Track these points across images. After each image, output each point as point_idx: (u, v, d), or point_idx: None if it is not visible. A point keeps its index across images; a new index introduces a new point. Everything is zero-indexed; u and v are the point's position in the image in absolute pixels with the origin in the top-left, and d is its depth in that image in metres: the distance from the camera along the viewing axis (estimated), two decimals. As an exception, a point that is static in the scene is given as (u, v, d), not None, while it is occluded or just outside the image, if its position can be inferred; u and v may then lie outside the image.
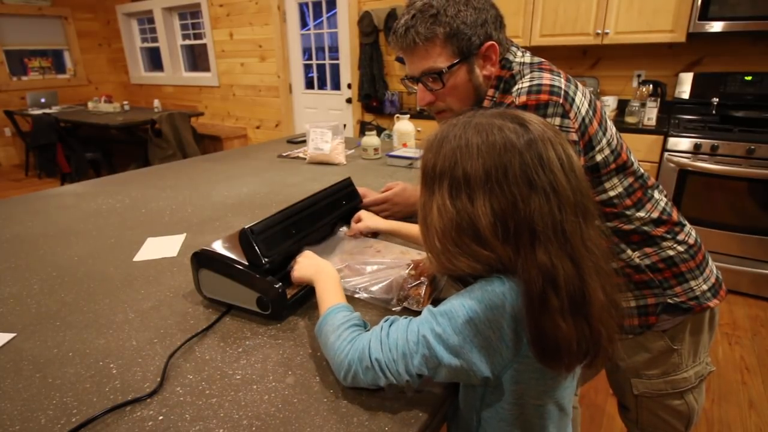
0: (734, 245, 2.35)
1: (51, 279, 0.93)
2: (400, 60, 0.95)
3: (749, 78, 2.56)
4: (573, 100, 0.79)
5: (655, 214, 0.87)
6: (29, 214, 1.31)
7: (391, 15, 3.59)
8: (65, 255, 1.04)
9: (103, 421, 0.57)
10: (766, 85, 2.52)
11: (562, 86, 0.79)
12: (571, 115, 0.78)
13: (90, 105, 5.25)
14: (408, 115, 2.10)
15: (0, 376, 0.65)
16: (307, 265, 0.78)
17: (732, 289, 2.43)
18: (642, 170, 0.89)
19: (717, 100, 2.63)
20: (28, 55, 5.86)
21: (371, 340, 0.58)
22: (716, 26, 2.35)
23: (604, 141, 0.82)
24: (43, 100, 5.51)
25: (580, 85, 0.84)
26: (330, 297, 0.69)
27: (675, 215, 0.89)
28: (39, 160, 5.10)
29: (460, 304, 0.54)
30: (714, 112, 2.63)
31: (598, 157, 0.82)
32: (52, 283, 0.91)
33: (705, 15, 2.35)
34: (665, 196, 0.91)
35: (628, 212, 0.86)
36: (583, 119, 0.80)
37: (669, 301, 0.87)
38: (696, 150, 2.32)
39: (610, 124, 0.86)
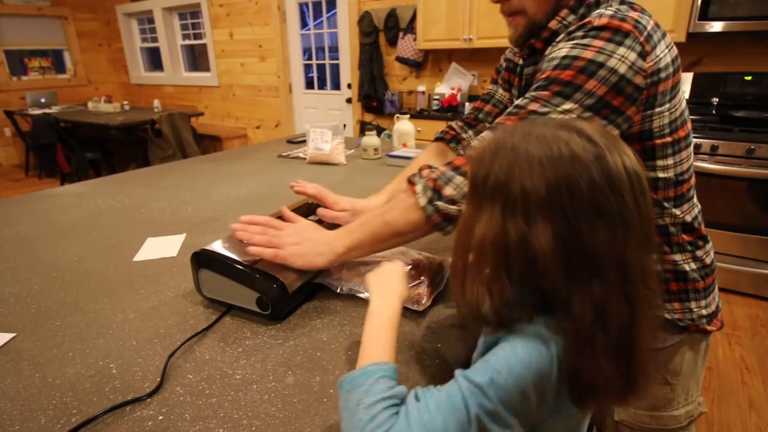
0: (734, 245, 2.35)
1: (51, 279, 0.93)
2: (400, 60, 0.94)
3: (749, 78, 2.56)
4: (655, 45, 0.69)
5: (688, 218, 0.80)
6: (29, 214, 1.31)
7: (391, 15, 3.59)
8: (65, 255, 1.04)
9: (103, 421, 0.57)
10: (766, 85, 2.52)
11: (649, 27, 0.70)
12: (648, 59, 0.68)
13: (90, 105, 5.25)
14: (408, 115, 2.10)
15: (0, 376, 0.65)
16: (377, 273, 0.66)
17: (732, 289, 2.43)
18: (692, 163, 0.80)
19: (717, 100, 2.63)
20: (28, 55, 5.86)
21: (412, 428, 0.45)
22: (716, 26, 2.35)
23: (667, 106, 0.73)
24: (43, 100, 5.52)
25: (668, 37, 0.74)
26: (380, 340, 0.56)
27: (703, 226, 0.83)
28: (39, 160, 5.10)
29: (508, 372, 0.45)
30: (714, 112, 2.63)
31: (655, 122, 0.73)
32: (52, 283, 0.92)
33: (705, 15, 2.35)
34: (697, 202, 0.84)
35: (666, 204, 0.78)
36: (659, 70, 0.70)
37: (666, 316, 0.82)
38: (696, 150, 2.32)
39: (682, 96, 0.77)
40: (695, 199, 0.82)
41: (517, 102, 0.74)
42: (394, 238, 0.80)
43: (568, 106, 0.69)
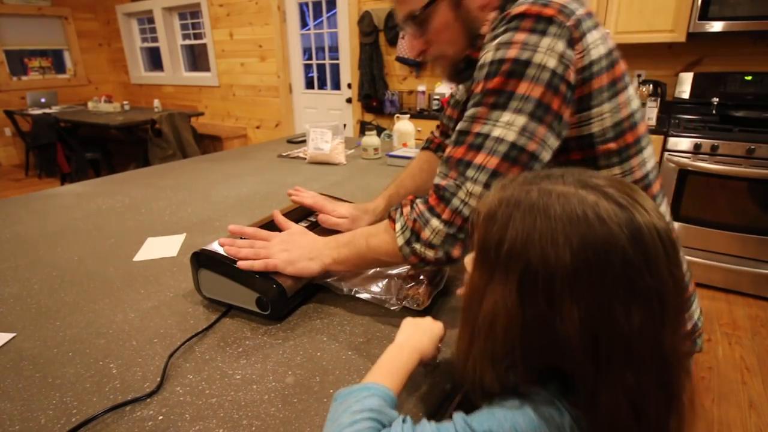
0: (734, 245, 2.35)
1: (51, 279, 0.93)
2: (400, 60, 0.93)
3: (749, 78, 2.56)
4: (584, 33, 0.63)
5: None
6: (29, 214, 1.31)
7: (391, 15, 3.59)
8: (65, 255, 1.04)
9: (102, 421, 0.57)
10: (766, 85, 2.52)
11: (578, 13, 0.63)
12: (578, 47, 0.62)
13: (90, 105, 5.25)
14: (408, 115, 2.10)
15: (0, 376, 0.65)
16: (414, 328, 0.62)
17: (732, 289, 2.43)
18: (650, 169, 0.74)
19: (717, 100, 2.63)
20: (28, 55, 5.86)
21: None
22: (716, 26, 2.35)
23: (607, 106, 0.66)
24: (43, 100, 5.52)
25: (602, 28, 0.67)
26: (389, 369, 0.54)
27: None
28: (39, 160, 5.10)
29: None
30: (714, 112, 2.63)
31: (595, 127, 0.67)
32: (52, 283, 0.91)
33: (705, 15, 2.35)
34: (668, 207, 0.79)
35: None
36: (591, 63, 0.63)
37: None
38: (696, 150, 2.32)
39: (629, 96, 0.69)
40: (664, 208, 0.76)
41: (459, 127, 0.69)
42: (377, 264, 0.81)
43: (507, 117, 0.63)
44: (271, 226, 0.92)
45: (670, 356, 0.40)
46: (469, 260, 0.52)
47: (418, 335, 0.60)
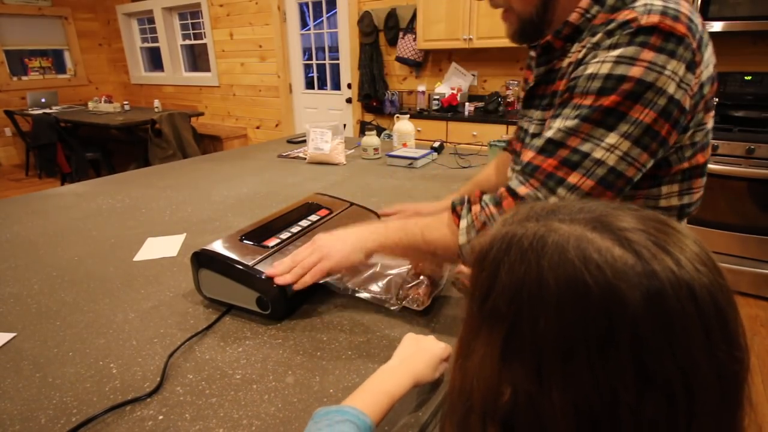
0: (734, 245, 2.35)
1: (51, 279, 0.93)
2: (400, 60, 0.92)
3: (749, 78, 2.56)
4: (703, 54, 0.58)
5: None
6: (29, 214, 1.32)
7: (391, 15, 3.60)
8: (65, 255, 1.04)
9: (102, 421, 0.57)
10: (766, 85, 2.52)
11: (699, 28, 0.58)
12: (698, 71, 0.58)
13: (90, 105, 5.25)
14: (408, 115, 2.10)
15: (0, 376, 0.65)
16: (412, 350, 0.59)
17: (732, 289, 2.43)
18: (700, 196, 0.70)
19: (717, 100, 2.63)
20: (28, 55, 5.86)
21: None
22: (716, 26, 2.35)
23: (702, 126, 0.64)
24: (43, 100, 5.52)
25: (708, 35, 0.62)
26: (371, 397, 0.51)
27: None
28: (39, 160, 5.10)
29: None
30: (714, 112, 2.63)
31: (695, 148, 0.64)
32: (52, 283, 0.92)
33: (705, 15, 2.35)
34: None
35: None
36: (702, 86, 0.59)
37: None
38: (696, 150, 2.32)
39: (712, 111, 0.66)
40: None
41: (551, 136, 0.63)
42: (427, 255, 0.77)
43: (613, 140, 0.59)
44: (273, 223, 0.92)
45: None
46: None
47: (415, 358, 0.57)
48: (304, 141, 2.14)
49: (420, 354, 0.58)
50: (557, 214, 0.34)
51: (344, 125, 4.24)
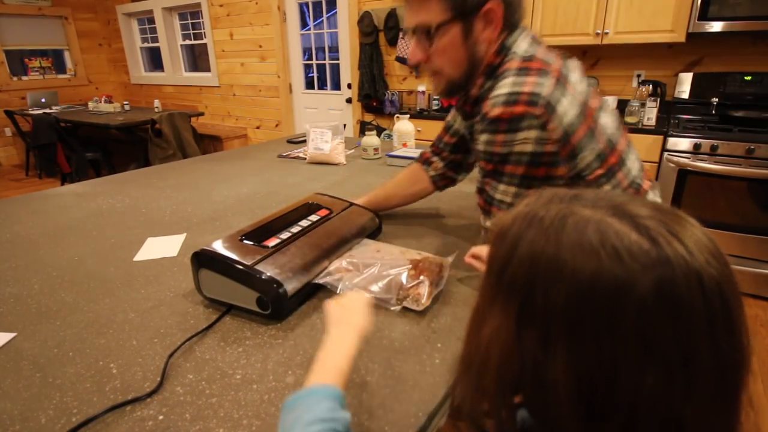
0: (734, 245, 2.35)
1: (51, 279, 0.93)
2: (400, 60, 0.96)
3: (749, 78, 2.56)
4: (554, 109, 0.73)
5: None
6: (29, 214, 1.32)
7: (391, 15, 3.59)
8: (65, 255, 1.04)
9: (103, 421, 0.57)
10: (766, 85, 2.52)
11: (544, 93, 0.73)
12: (550, 126, 0.74)
13: (90, 105, 5.25)
14: (408, 115, 2.10)
15: (0, 376, 0.65)
16: (339, 303, 0.62)
17: (732, 289, 2.43)
18: (636, 175, 0.83)
19: (717, 100, 2.63)
20: (28, 55, 5.85)
21: None
22: (716, 26, 2.35)
23: (587, 150, 0.77)
24: (43, 100, 5.51)
25: (572, 82, 0.77)
26: (329, 367, 0.52)
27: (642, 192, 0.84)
28: (39, 160, 5.09)
29: None
30: (714, 112, 2.63)
31: (581, 164, 0.78)
32: (52, 283, 0.92)
33: (705, 15, 2.35)
34: (639, 166, 0.86)
35: None
36: (566, 130, 0.74)
37: None
38: (696, 150, 2.32)
39: (605, 122, 0.80)
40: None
41: (478, 185, 0.88)
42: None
43: (503, 187, 0.82)
44: (273, 223, 0.92)
45: (690, 428, 0.32)
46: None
47: (348, 316, 0.59)
48: (304, 141, 2.14)
49: (349, 311, 0.60)
50: (579, 199, 0.37)
51: (344, 125, 4.24)
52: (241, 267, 0.77)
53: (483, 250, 0.82)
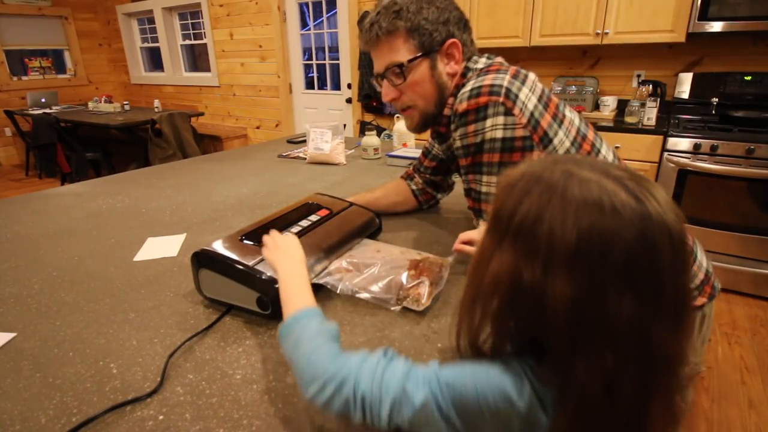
0: (734, 245, 2.35)
1: (51, 279, 0.93)
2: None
3: (749, 78, 2.56)
4: (516, 96, 0.81)
5: None
6: (29, 214, 1.32)
7: (391, 15, 3.59)
8: (65, 255, 1.04)
9: (103, 421, 0.57)
10: (766, 85, 2.52)
11: (504, 83, 0.81)
12: (515, 111, 0.80)
13: (90, 105, 5.25)
14: (408, 115, 2.10)
15: (0, 376, 0.65)
16: (273, 247, 0.73)
17: (732, 289, 2.43)
18: (613, 157, 0.89)
19: (717, 100, 2.63)
20: (28, 55, 5.85)
21: (362, 370, 0.49)
22: (716, 26, 2.35)
23: (561, 133, 0.84)
24: (43, 100, 5.51)
25: (530, 79, 0.85)
26: (298, 294, 0.61)
27: None
28: (39, 160, 5.09)
29: (473, 386, 0.45)
30: (714, 112, 2.63)
31: (560, 148, 0.83)
32: (52, 283, 0.92)
33: (705, 15, 2.35)
34: None
35: None
36: (532, 113, 0.81)
37: None
38: (696, 150, 2.32)
39: (571, 116, 0.88)
40: None
41: (465, 187, 0.94)
42: None
43: (486, 178, 0.87)
44: (273, 223, 0.92)
45: (657, 350, 0.41)
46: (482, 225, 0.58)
47: (286, 253, 0.71)
48: (304, 141, 2.14)
49: (285, 248, 0.73)
50: (578, 163, 0.45)
51: (344, 125, 4.24)
52: (241, 267, 0.77)
53: (472, 234, 0.86)
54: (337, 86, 4.34)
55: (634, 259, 0.40)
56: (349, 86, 4.16)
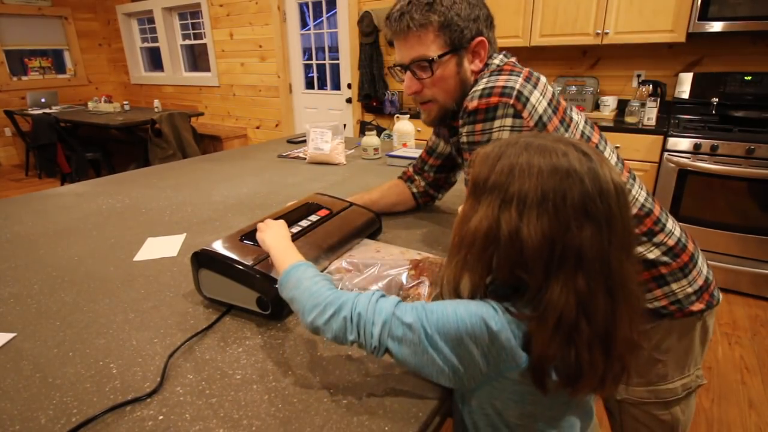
0: (734, 245, 2.35)
1: (51, 279, 0.93)
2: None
3: (749, 78, 2.55)
4: (527, 99, 0.80)
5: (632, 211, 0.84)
6: (29, 214, 1.32)
7: (391, 15, 3.60)
8: (65, 255, 1.04)
9: (103, 421, 0.57)
10: (766, 85, 2.52)
11: (516, 86, 0.80)
12: (525, 114, 0.80)
13: (90, 105, 5.25)
14: (408, 115, 2.10)
15: (0, 376, 0.65)
16: (263, 228, 0.82)
17: (732, 289, 2.43)
18: (617, 160, 0.87)
19: (717, 100, 2.63)
20: (28, 55, 5.85)
21: (359, 298, 0.59)
22: (716, 26, 2.35)
23: (567, 136, 0.84)
24: (43, 100, 5.51)
25: (542, 82, 0.84)
26: (289, 255, 0.71)
27: (657, 212, 0.85)
28: (39, 160, 5.09)
29: (453, 312, 0.54)
30: (714, 112, 2.63)
31: None
32: (52, 283, 0.92)
33: (705, 15, 2.35)
34: (646, 191, 0.87)
35: None
36: (540, 117, 0.81)
37: (648, 305, 0.84)
38: (696, 150, 2.32)
39: (576, 118, 0.87)
40: (635, 190, 0.85)
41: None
42: None
43: None
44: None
45: (616, 269, 0.52)
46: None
47: (273, 229, 0.80)
48: (304, 141, 2.14)
49: (271, 226, 0.82)
50: (534, 136, 0.57)
51: (344, 125, 4.24)
52: (241, 267, 0.77)
53: None
54: (337, 86, 4.34)
55: (588, 199, 0.50)
56: (349, 86, 4.16)
